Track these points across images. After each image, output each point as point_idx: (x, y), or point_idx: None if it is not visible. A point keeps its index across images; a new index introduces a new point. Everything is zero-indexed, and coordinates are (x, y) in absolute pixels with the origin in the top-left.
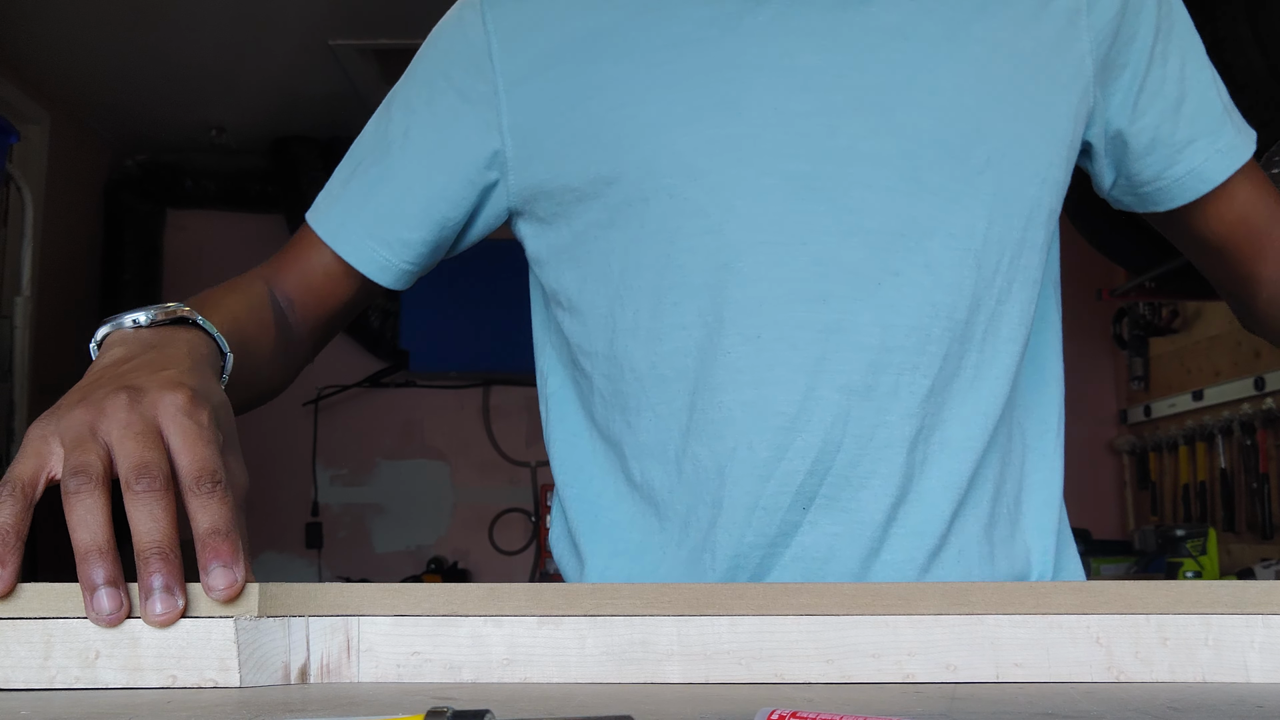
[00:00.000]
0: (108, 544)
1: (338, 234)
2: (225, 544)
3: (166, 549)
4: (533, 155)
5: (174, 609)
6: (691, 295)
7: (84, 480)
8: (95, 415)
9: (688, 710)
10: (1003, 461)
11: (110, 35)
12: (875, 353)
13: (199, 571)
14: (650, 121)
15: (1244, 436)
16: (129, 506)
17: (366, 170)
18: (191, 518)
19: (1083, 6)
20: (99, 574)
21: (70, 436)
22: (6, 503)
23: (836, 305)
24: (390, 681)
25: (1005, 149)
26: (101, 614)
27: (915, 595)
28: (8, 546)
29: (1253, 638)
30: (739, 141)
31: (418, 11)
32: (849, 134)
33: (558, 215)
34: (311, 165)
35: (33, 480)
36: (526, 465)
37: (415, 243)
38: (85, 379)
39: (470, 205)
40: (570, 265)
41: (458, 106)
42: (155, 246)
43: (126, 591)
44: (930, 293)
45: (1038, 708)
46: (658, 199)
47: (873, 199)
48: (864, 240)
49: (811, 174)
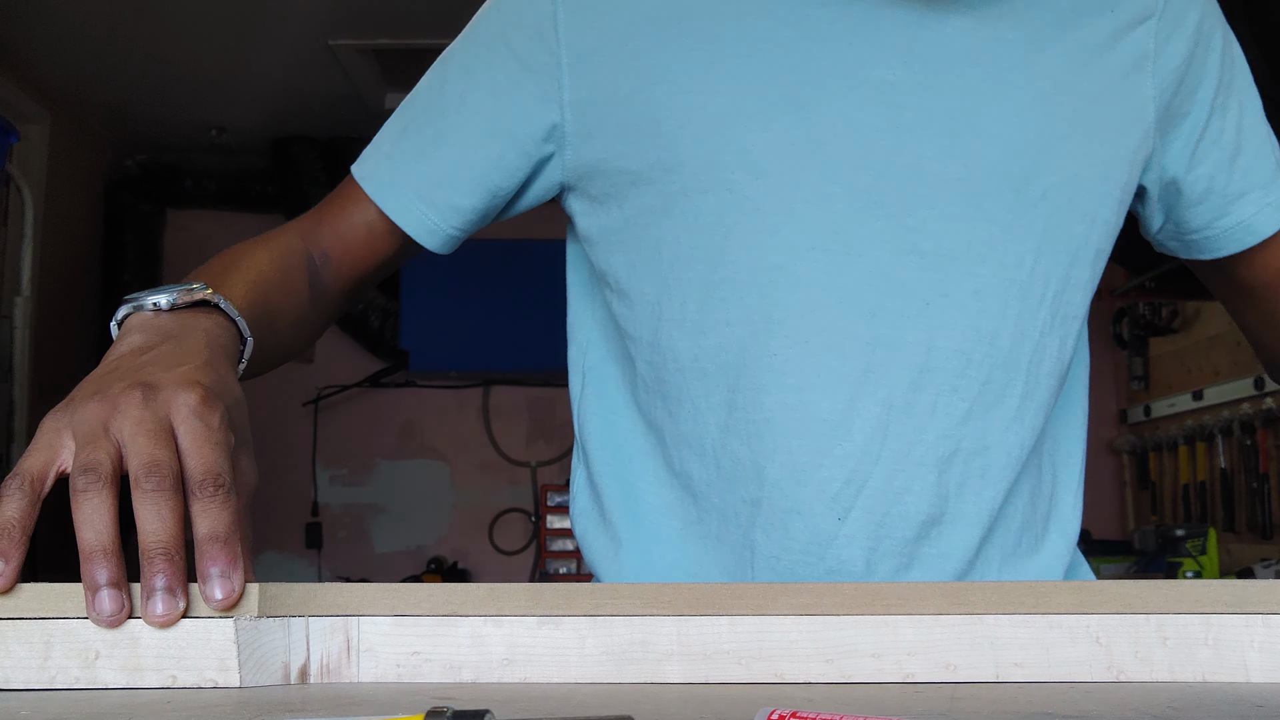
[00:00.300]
0: (112, 544)
1: (386, 193)
2: (223, 551)
3: (171, 549)
4: (592, 133)
5: (175, 610)
6: (740, 293)
7: (93, 479)
8: (109, 411)
9: (688, 710)
10: (1033, 493)
11: (110, 35)
12: (918, 371)
13: (197, 577)
14: (717, 114)
15: (1244, 436)
16: (136, 504)
17: (420, 130)
18: (193, 521)
19: (1150, 52)
20: (102, 574)
21: (82, 431)
22: (14, 496)
23: (885, 320)
24: (390, 681)
25: (1061, 185)
26: (103, 615)
27: (915, 595)
28: (12, 541)
29: (1253, 637)
30: (805, 146)
31: (418, 11)
32: (915, 153)
33: (610, 196)
34: (311, 165)
35: (42, 474)
36: (526, 465)
37: (465, 209)
38: (101, 368)
39: (524, 175)
40: (619, 248)
41: (518, 75)
42: (155, 246)
43: (128, 593)
44: (976, 318)
45: (1037, 707)
46: (716, 192)
47: (932, 220)
48: (919, 260)
49: (874, 188)
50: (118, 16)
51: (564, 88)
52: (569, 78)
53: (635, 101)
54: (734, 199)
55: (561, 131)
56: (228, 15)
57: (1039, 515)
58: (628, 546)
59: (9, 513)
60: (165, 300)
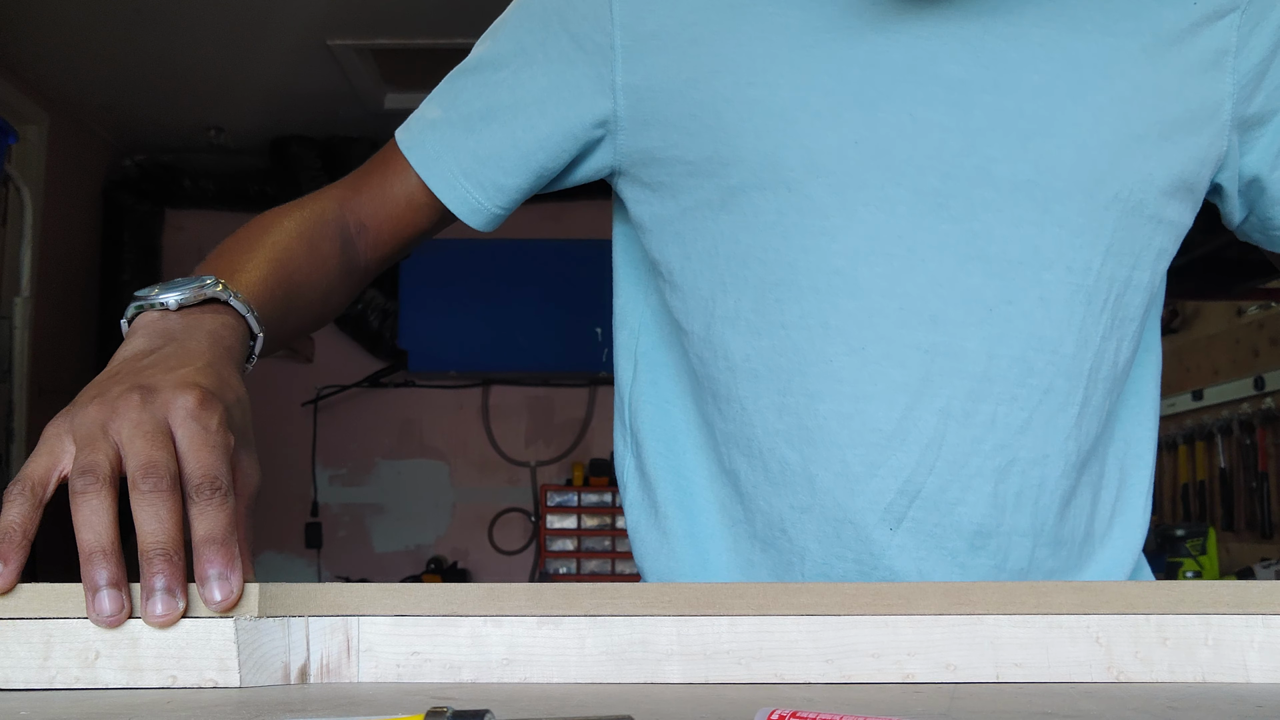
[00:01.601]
0: (111, 545)
1: (432, 167)
2: (221, 553)
3: (170, 550)
4: (648, 120)
5: (174, 610)
6: (798, 295)
7: (91, 480)
8: (108, 414)
9: (688, 710)
10: (1094, 500)
11: (110, 35)
12: (978, 380)
13: (196, 579)
14: (780, 109)
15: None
16: (135, 505)
17: (469, 104)
18: (191, 524)
19: (1231, 48)
20: (102, 575)
21: (82, 434)
22: (16, 501)
23: (946, 328)
24: (390, 681)
25: (1132, 188)
26: (102, 615)
27: (915, 595)
28: (13, 544)
29: (1253, 638)
30: (871, 146)
31: (418, 11)
32: (984, 155)
33: (665, 185)
34: (310, 165)
35: (44, 479)
36: (526, 465)
37: (510, 189)
38: (104, 372)
39: (570, 157)
40: (674, 240)
41: (571, 54)
42: (154, 246)
43: (129, 593)
44: (1040, 326)
45: (1037, 708)
46: (776, 190)
47: (998, 225)
48: (984, 266)
49: (940, 191)
50: (117, 17)
51: (618, 71)
52: (623, 61)
53: (693, 91)
54: (794, 199)
55: (615, 116)
56: (227, 15)
57: (1100, 521)
58: (681, 542)
59: (11, 517)
60: (174, 300)
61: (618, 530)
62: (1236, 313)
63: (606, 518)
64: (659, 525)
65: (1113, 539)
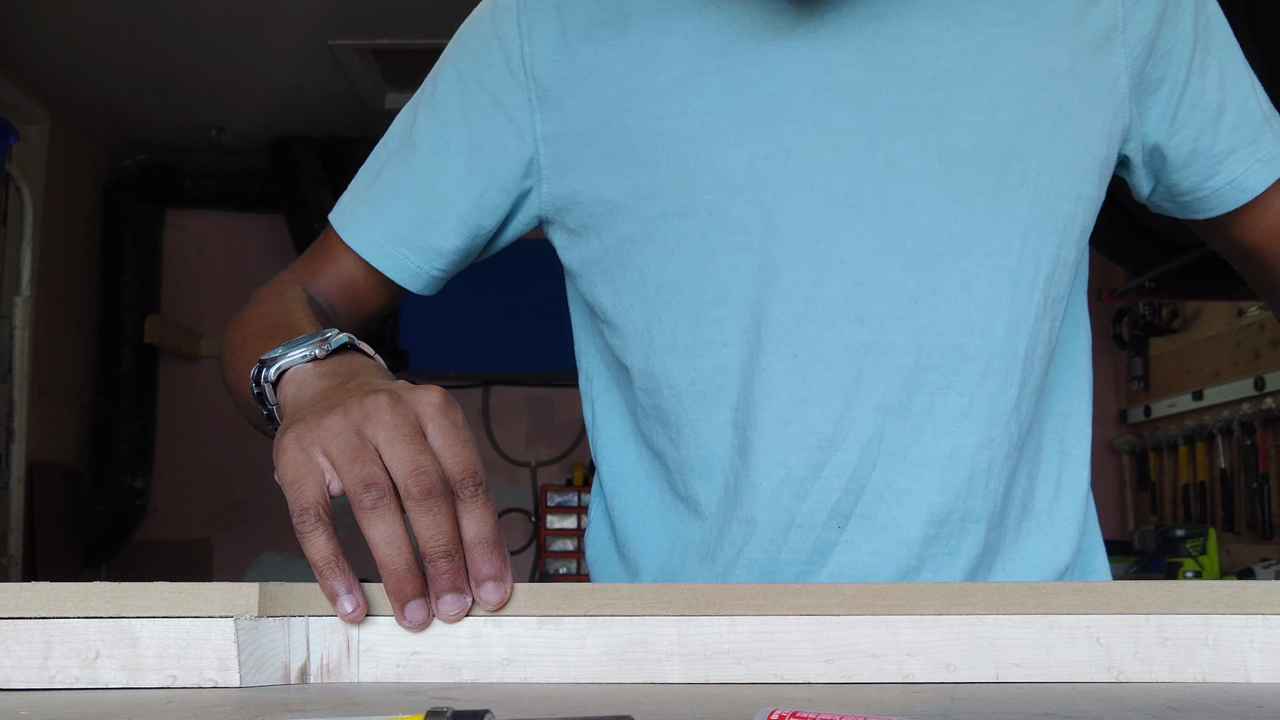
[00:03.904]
0: (413, 560)
1: (364, 240)
2: (494, 554)
3: (452, 551)
4: (567, 165)
5: (464, 607)
6: (733, 312)
7: (378, 494)
8: (359, 420)
9: (688, 710)
10: (1032, 475)
11: (110, 35)
12: (910, 372)
13: (470, 580)
14: (689, 135)
15: (1244, 436)
16: (411, 512)
17: (393, 173)
18: (460, 522)
19: (1118, 23)
20: (409, 588)
21: (339, 446)
22: (316, 532)
23: (873, 325)
24: (390, 681)
25: (1040, 167)
26: (416, 623)
27: (915, 595)
28: (343, 571)
29: (1253, 638)
30: (779, 157)
31: (418, 11)
32: (888, 151)
33: (589, 227)
34: (311, 165)
35: (322, 501)
36: (526, 465)
37: (448, 250)
38: (306, 403)
39: (504, 213)
40: (603, 279)
41: (489, 110)
42: (155, 246)
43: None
44: (966, 311)
45: (1037, 708)
46: (696, 214)
47: (911, 217)
48: (903, 259)
49: (851, 191)
50: (118, 16)
51: (536, 121)
52: (539, 110)
53: (608, 130)
54: (714, 219)
55: (537, 165)
56: (228, 15)
57: (1044, 495)
58: (646, 576)
59: (320, 548)
60: (320, 350)
61: None
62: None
63: None
64: (623, 562)
65: (1061, 511)
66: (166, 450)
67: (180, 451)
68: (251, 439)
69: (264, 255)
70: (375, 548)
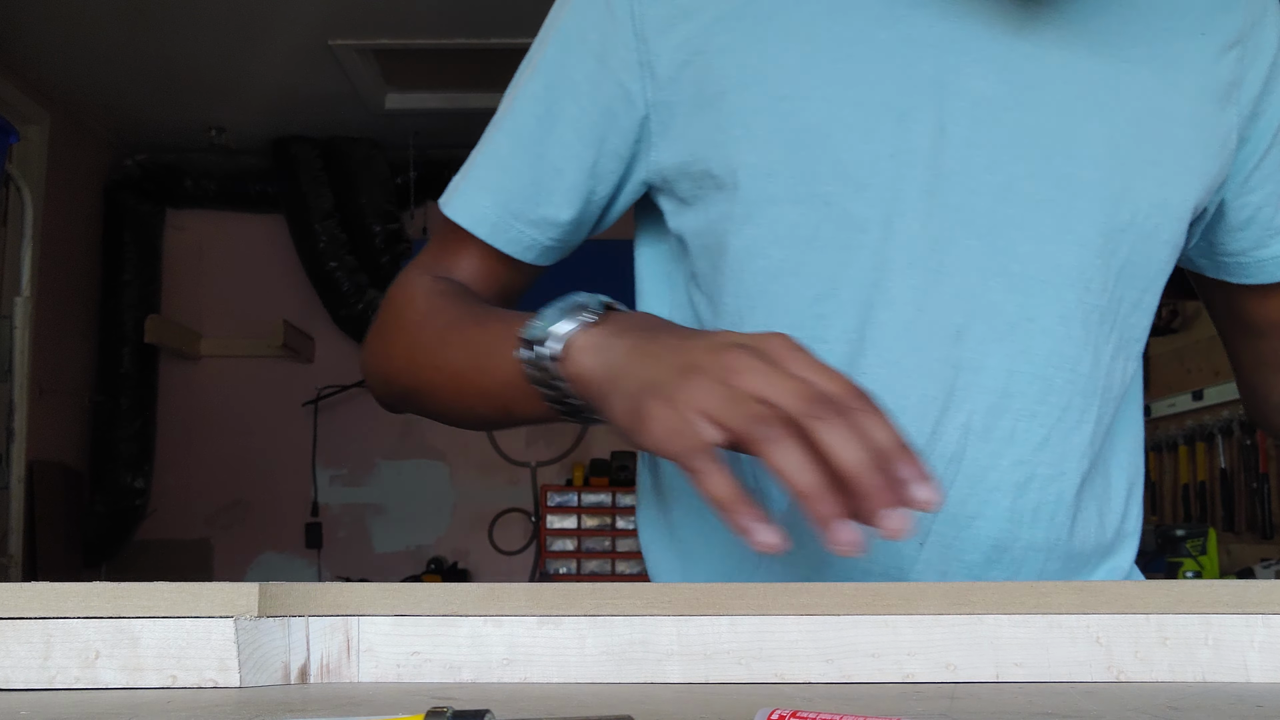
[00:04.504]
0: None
1: (475, 217)
2: (912, 456)
3: (877, 464)
4: (677, 133)
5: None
6: (839, 310)
7: (777, 425)
8: (721, 374)
9: (688, 710)
10: (1100, 511)
11: (110, 35)
12: (998, 396)
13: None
14: (814, 122)
15: (1244, 436)
16: (820, 434)
17: (500, 146)
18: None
19: (1238, 80)
20: (834, 508)
21: (713, 401)
22: (714, 468)
23: (970, 343)
24: (390, 681)
25: (1149, 211)
26: (849, 543)
27: (915, 595)
28: (750, 503)
29: (1253, 637)
30: (906, 158)
31: (418, 11)
32: (1009, 171)
33: (697, 198)
34: (311, 165)
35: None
36: (526, 465)
37: (562, 221)
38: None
39: (617, 179)
40: (703, 253)
41: (598, 75)
42: (155, 246)
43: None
44: (1060, 343)
45: (1038, 708)
46: (810, 204)
47: (1022, 241)
48: (1007, 282)
49: (965, 205)
50: (118, 16)
51: (647, 86)
52: (651, 76)
53: (724, 103)
54: (831, 212)
55: (647, 131)
56: (228, 15)
57: (1109, 532)
58: (699, 563)
59: (726, 486)
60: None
61: (618, 530)
62: None
63: (606, 518)
64: (675, 547)
65: (1121, 548)
66: (166, 450)
67: (180, 451)
68: (249, 439)
69: (264, 255)
70: (789, 476)
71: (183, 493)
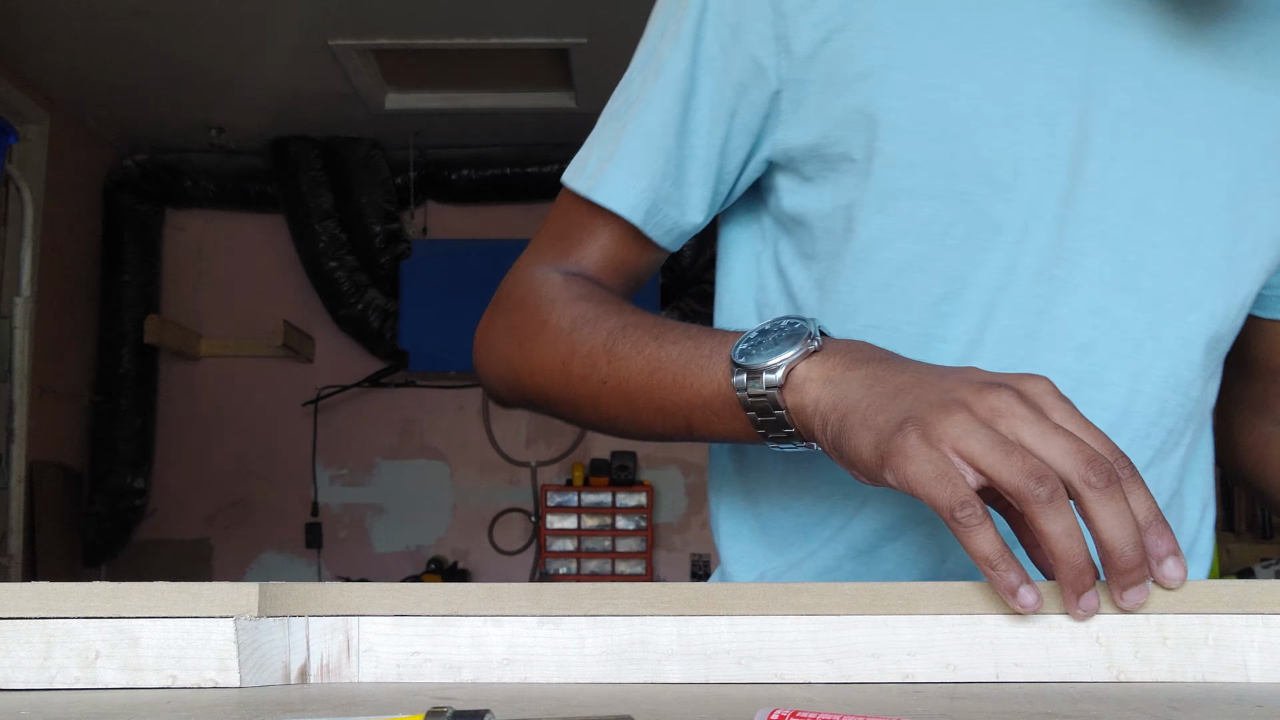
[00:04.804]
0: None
1: (626, 202)
2: (1169, 531)
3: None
4: (811, 112)
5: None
6: (963, 311)
7: (1054, 486)
8: (987, 415)
9: (688, 710)
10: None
11: (110, 35)
12: (1117, 414)
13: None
14: (960, 116)
15: None
16: (1092, 503)
17: (640, 125)
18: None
19: None
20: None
21: (979, 443)
22: (985, 525)
23: (1094, 358)
24: (390, 681)
25: (1269, 243)
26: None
27: (915, 595)
28: (1015, 562)
29: (1253, 637)
30: (1049, 164)
31: (418, 11)
32: (1146, 188)
33: (825, 180)
34: (311, 165)
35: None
36: (526, 465)
37: (701, 204)
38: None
39: (745, 155)
40: (825, 237)
41: (732, 48)
42: (155, 246)
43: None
44: (1179, 367)
45: (1038, 708)
46: (947, 200)
47: (1154, 259)
48: (1137, 299)
49: (1101, 217)
50: (118, 16)
51: (782, 61)
52: (787, 51)
53: (864, 87)
54: (966, 211)
55: (778, 107)
56: (228, 15)
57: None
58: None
59: (994, 544)
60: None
61: (618, 530)
62: None
63: (606, 518)
64: (765, 540)
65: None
66: (166, 450)
67: (180, 451)
68: (249, 439)
69: (264, 255)
70: (1054, 542)
71: (183, 493)
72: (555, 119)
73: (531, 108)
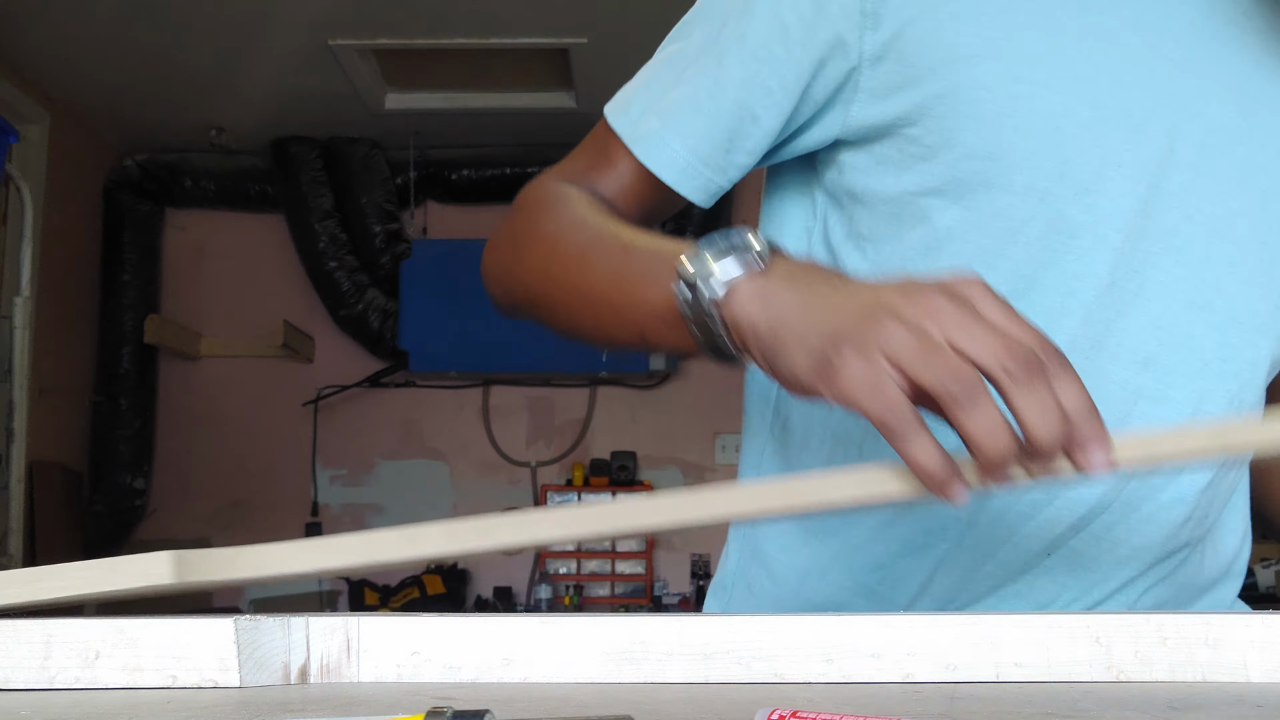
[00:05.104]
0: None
1: (664, 160)
2: (1099, 419)
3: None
4: (889, 94)
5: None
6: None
7: (972, 383)
8: (915, 318)
9: (688, 710)
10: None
11: (111, 35)
12: None
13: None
14: (1047, 112)
15: None
16: (1014, 395)
17: (696, 85)
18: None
19: None
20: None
21: (906, 348)
22: (921, 434)
23: (1157, 373)
24: (390, 681)
25: None
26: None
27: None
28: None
29: (1252, 637)
30: (1132, 171)
31: (418, 11)
32: (1229, 206)
33: (897, 164)
34: (311, 165)
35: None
36: (526, 465)
37: (746, 166)
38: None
39: (803, 123)
40: (890, 220)
41: (812, 17)
42: (154, 246)
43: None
44: (1243, 389)
45: (1038, 708)
46: (1025, 198)
47: (1229, 279)
48: (1208, 317)
49: (1179, 231)
50: (118, 16)
51: (865, 37)
52: (873, 29)
53: (948, 71)
54: (1045, 210)
55: (854, 84)
56: (227, 15)
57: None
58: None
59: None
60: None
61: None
62: None
63: None
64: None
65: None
66: (166, 450)
67: (180, 451)
68: (249, 439)
69: (264, 255)
70: (977, 440)
71: (183, 493)
72: (555, 119)
73: (531, 108)
